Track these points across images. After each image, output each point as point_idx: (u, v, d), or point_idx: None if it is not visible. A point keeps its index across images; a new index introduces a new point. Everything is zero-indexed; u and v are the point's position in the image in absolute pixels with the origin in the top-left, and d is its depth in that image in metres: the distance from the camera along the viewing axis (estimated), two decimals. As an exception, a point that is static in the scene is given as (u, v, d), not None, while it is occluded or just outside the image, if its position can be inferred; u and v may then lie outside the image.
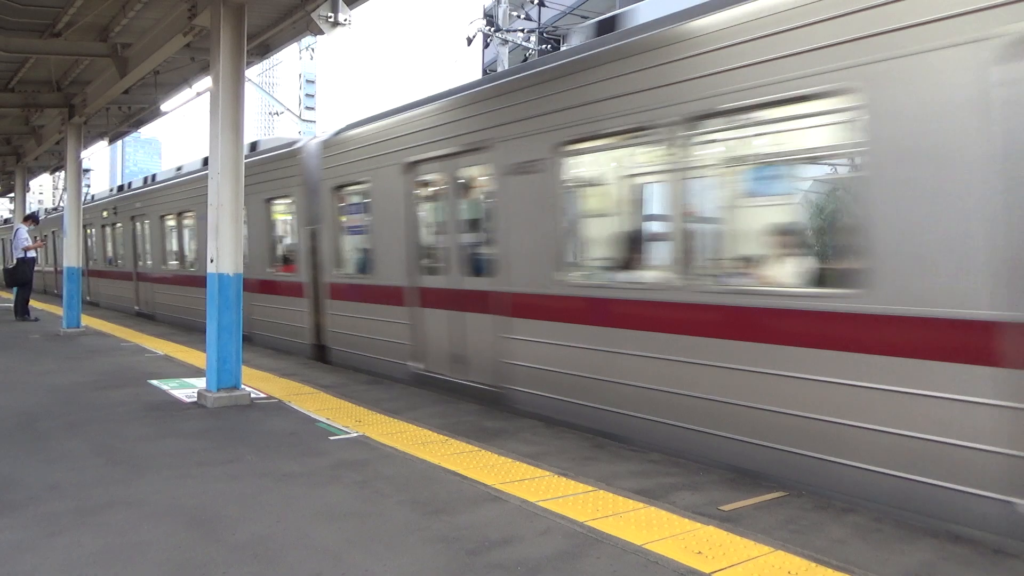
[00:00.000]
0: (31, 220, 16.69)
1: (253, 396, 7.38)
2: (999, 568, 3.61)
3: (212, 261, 7.33)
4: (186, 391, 7.79)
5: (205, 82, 10.66)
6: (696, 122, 5.31)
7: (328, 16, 7.41)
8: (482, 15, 23.59)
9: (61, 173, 27.69)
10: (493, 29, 22.67)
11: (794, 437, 4.72)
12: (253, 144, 12.95)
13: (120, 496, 4.51)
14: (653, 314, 5.61)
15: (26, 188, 21.57)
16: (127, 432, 6.11)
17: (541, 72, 6.72)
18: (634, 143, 6.14)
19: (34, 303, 17.52)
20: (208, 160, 13.65)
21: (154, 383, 8.29)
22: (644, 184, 6.34)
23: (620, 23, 6.40)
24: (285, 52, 12.38)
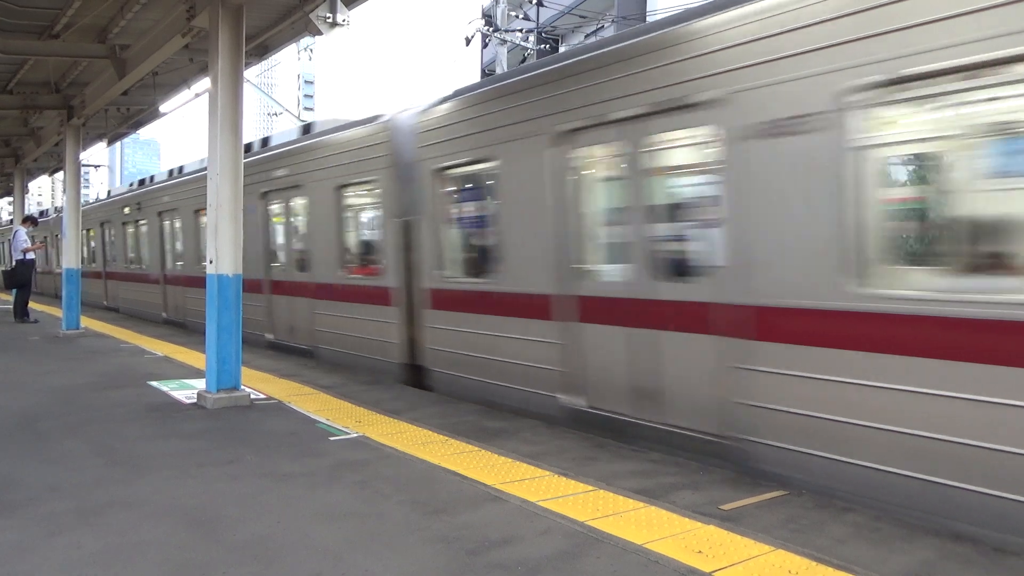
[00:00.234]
0: (30, 222, 16.67)
1: (253, 397, 7.38)
2: (999, 566, 3.61)
3: (211, 262, 7.33)
4: (186, 392, 7.79)
5: (204, 83, 10.64)
6: None
7: (326, 17, 7.40)
8: (480, 15, 23.60)
9: (60, 175, 27.39)
10: (492, 29, 22.67)
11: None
12: (306, 126, 11.90)
13: (120, 496, 4.50)
14: None
15: (25, 190, 21.56)
16: (127, 433, 6.10)
17: None
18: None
19: (34, 305, 17.51)
20: (246, 147, 12.37)
21: (154, 384, 8.28)
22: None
23: None
24: (284, 53, 12.30)
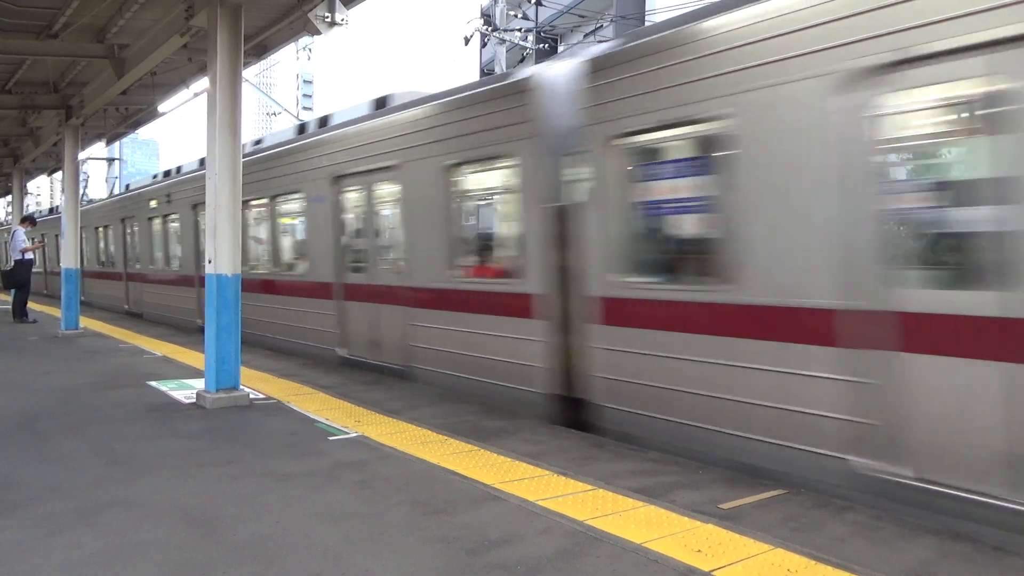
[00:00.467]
0: (29, 222, 16.65)
1: (252, 397, 7.38)
2: (999, 565, 3.62)
3: (210, 262, 7.33)
4: (185, 392, 7.79)
5: (202, 83, 10.64)
6: None
7: (325, 16, 7.40)
8: (479, 15, 23.60)
9: (58, 175, 27.21)
10: (491, 29, 22.66)
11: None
12: (380, 100, 9.94)
13: (120, 496, 4.50)
14: None
15: (24, 190, 21.54)
16: (127, 433, 6.10)
17: None
18: None
19: (32, 305, 17.49)
20: (300, 128, 11.71)
21: (153, 384, 8.28)
22: None
23: None
24: (282, 52, 12.24)
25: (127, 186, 22.40)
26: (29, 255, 15.58)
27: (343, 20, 7.45)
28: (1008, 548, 3.76)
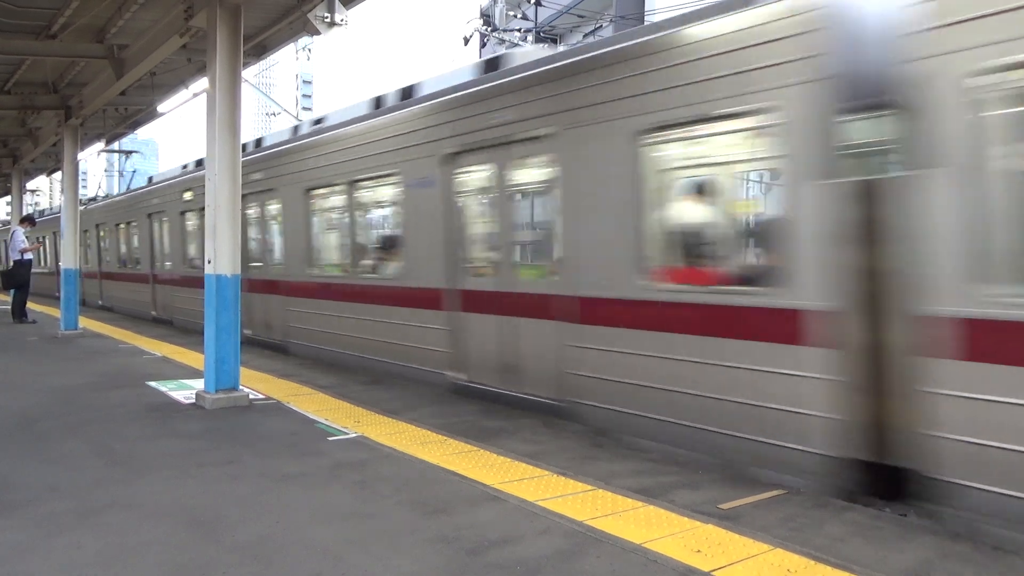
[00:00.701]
0: (28, 222, 16.66)
1: (252, 397, 7.38)
2: (998, 565, 3.62)
3: (210, 262, 7.33)
4: (184, 392, 7.78)
5: (202, 83, 10.62)
6: None
7: (324, 16, 7.40)
8: (479, 15, 23.62)
9: (57, 175, 26.98)
10: (490, 29, 22.69)
11: None
12: (491, 61, 8.18)
13: (120, 497, 4.50)
14: None
15: (23, 190, 21.54)
16: (126, 433, 6.10)
17: None
18: None
19: (31, 305, 17.49)
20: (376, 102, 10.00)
21: (152, 384, 8.28)
22: None
23: None
24: (282, 53, 12.21)
25: (150, 179, 19.81)
26: (28, 255, 15.58)
27: (342, 20, 7.45)
28: (1007, 548, 3.77)
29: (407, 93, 9.27)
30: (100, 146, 17.14)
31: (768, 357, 4.95)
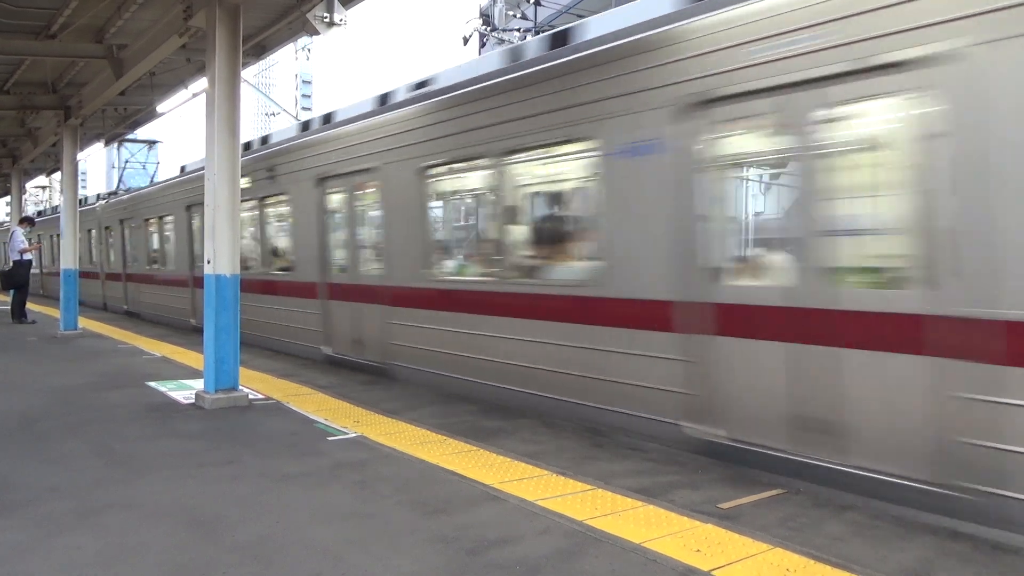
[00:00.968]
0: (27, 222, 16.66)
1: (251, 397, 7.38)
2: (997, 564, 3.63)
3: (209, 262, 7.33)
4: (184, 392, 7.78)
5: (201, 83, 10.62)
6: None
7: (324, 16, 7.40)
8: (478, 15, 23.61)
9: (56, 175, 26.65)
10: (489, 29, 22.69)
11: None
12: None
13: (119, 497, 4.51)
14: None
15: (22, 190, 21.53)
16: (126, 433, 6.10)
17: None
18: None
19: (30, 305, 17.48)
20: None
21: (152, 384, 8.28)
22: None
23: None
24: (281, 53, 12.19)
25: (182, 168, 17.52)
26: (28, 256, 15.60)
27: (342, 20, 7.45)
28: (1007, 547, 3.77)
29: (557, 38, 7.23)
30: (98, 146, 17.13)
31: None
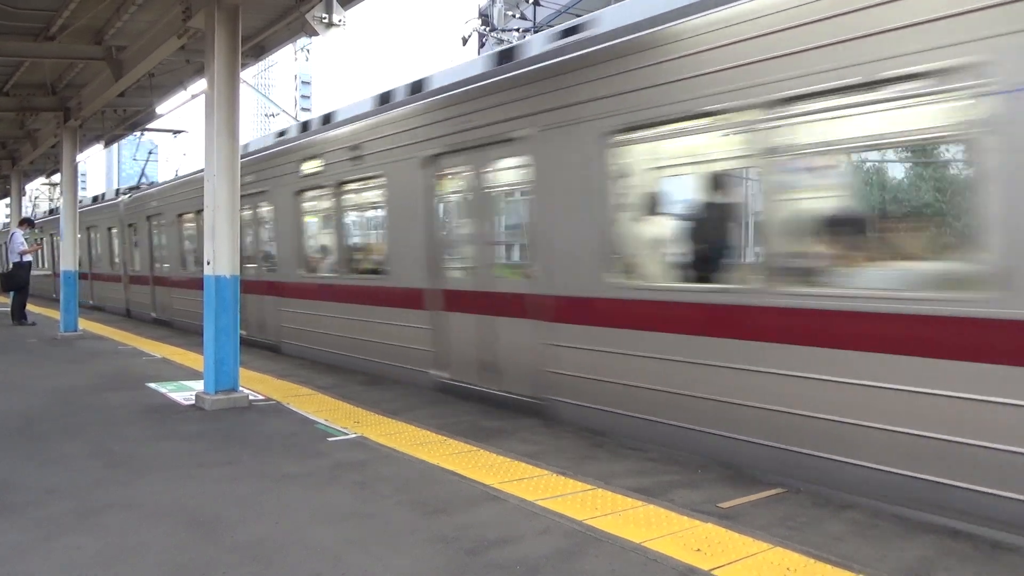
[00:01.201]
0: (27, 224, 16.66)
1: (251, 398, 7.38)
2: (997, 563, 3.63)
3: (209, 263, 7.33)
4: (184, 394, 7.78)
5: (200, 84, 10.62)
6: None
7: (322, 17, 7.40)
8: (477, 15, 23.61)
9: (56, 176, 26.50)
10: (488, 29, 22.69)
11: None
12: None
13: (119, 498, 4.50)
14: None
15: (22, 192, 21.52)
16: (125, 434, 6.10)
17: None
18: None
19: (31, 306, 17.48)
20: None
21: (152, 386, 8.28)
22: None
23: None
24: (280, 53, 12.14)
25: (245, 145, 13.71)
26: (28, 257, 15.61)
27: (340, 21, 7.45)
28: (1006, 545, 3.77)
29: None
30: (98, 148, 17.11)
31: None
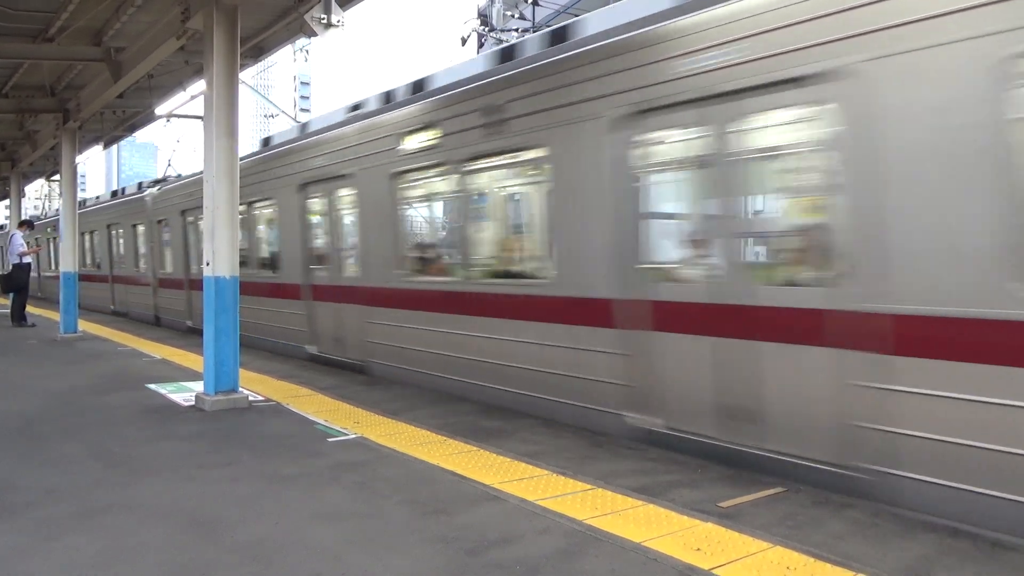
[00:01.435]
0: (26, 226, 16.68)
1: (251, 399, 7.37)
2: (997, 562, 3.62)
3: (208, 264, 7.33)
4: (184, 395, 7.78)
5: (199, 85, 10.61)
6: None
7: (321, 18, 7.41)
8: (476, 15, 23.59)
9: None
10: (487, 29, 22.68)
11: None
12: None
13: (119, 499, 4.50)
14: None
15: (21, 194, 21.51)
16: (125, 435, 6.10)
17: None
18: None
19: (30, 308, 17.47)
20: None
21: (152, 387, 8.27)
22: None
23: None
24: (279, 54, 12.08)
25: (302, 125, 12.45)
26: (27, 259, 15.61)
27: (339, 22, 7.46)
28: (1007, 544, 3.77)
29: None
30: (97, 149, 17.08)
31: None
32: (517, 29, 22.82)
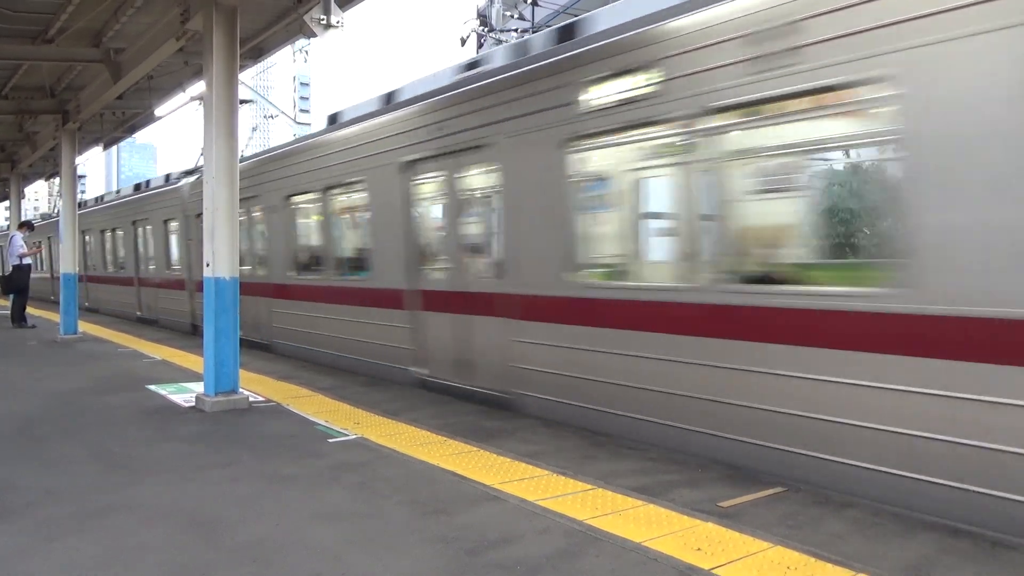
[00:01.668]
0: (26, 227, 16.67)
1: (251, 399, 7.38)
2: (997, 561, 3.62)
3: (208, 265, 7.33)
4: (184, 396, 7.78)
5: (199, 86, 10.62)
6: None
7: (320, 19, 7.42)
8: (475, 15, 23.59)
9: (56, 179, 26.48)
10: (487, 29, 22.68)
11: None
12: None
13: (119, 500, 4.50)
14: None
15: (21, 195, 21.52)
16: (125, 436, 6.10)
17: None
18: None
19: (30, 308, 17.48)
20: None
21: (152, 388, 8.27)
22: None
23: None
24: (279, 55, 12.12)
25: (387, 95, 10.07)
26: (27, 260, 15.61)
27: (338, 22, 7.46)
28: (1007, 544, 3.77)
29: None
30: (97, 150, 17.09)
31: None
32: (516, 29, 22.84)
